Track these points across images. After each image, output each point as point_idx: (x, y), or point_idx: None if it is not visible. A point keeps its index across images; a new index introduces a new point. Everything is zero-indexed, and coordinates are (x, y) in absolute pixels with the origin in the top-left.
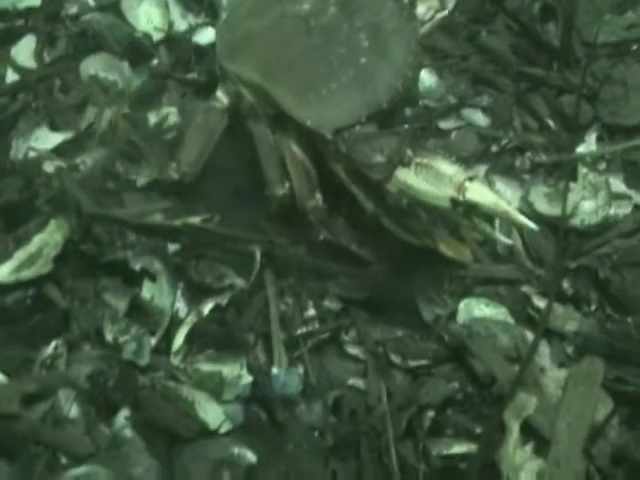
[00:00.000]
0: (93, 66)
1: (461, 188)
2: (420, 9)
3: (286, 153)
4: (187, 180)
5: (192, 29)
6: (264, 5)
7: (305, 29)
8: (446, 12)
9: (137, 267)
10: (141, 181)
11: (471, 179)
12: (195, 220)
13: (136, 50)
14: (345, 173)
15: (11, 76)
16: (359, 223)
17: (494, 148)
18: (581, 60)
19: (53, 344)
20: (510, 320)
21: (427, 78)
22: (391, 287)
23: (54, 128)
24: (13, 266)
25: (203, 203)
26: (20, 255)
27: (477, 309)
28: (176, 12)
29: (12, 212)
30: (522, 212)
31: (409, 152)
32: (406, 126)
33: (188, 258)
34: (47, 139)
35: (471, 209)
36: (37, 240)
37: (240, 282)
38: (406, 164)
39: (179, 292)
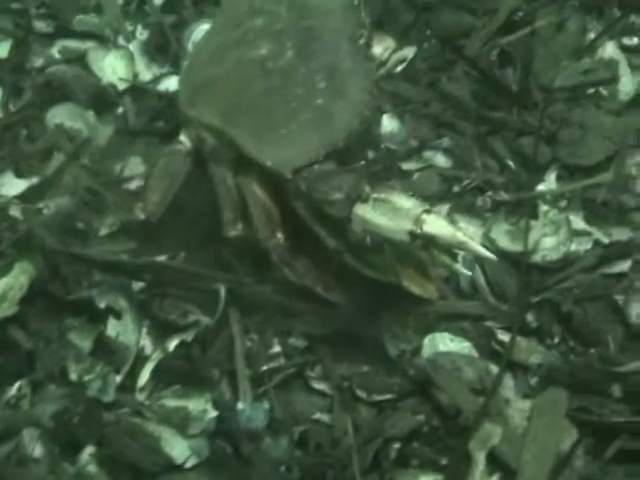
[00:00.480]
0: (59, 115)
1: (418, 221)
2: (377, 50)
3: (248, 194)
4: (153, 219)
5: (157, 79)
6: (223, 51)
7: (263, 72)
8: (404, 53)
9: (102, 305)
10: (104, 230)
11: (428, 212)
12: (160, 258)
13: (101, 99)
14: (306, 211)
15: None
16: (322, 262)
17: (456, 188)
18: (539, 103)
19: (17, 385)
20: (474, 354)
21: (389, 123)
22: (356, 324)
23: (19, 175)
24: None
25: (167, 243)
26: None
27: (442, 344)
28: (141, 64)
29: None
30: (483, 246)
31: (366, 188)
32: (362, 162)
33: (153, 296)
34: (12, 185)
35: (430, 242)
36: (2, 284)
37: (205, 319)
38: (364, 200)
39: (144, 329)
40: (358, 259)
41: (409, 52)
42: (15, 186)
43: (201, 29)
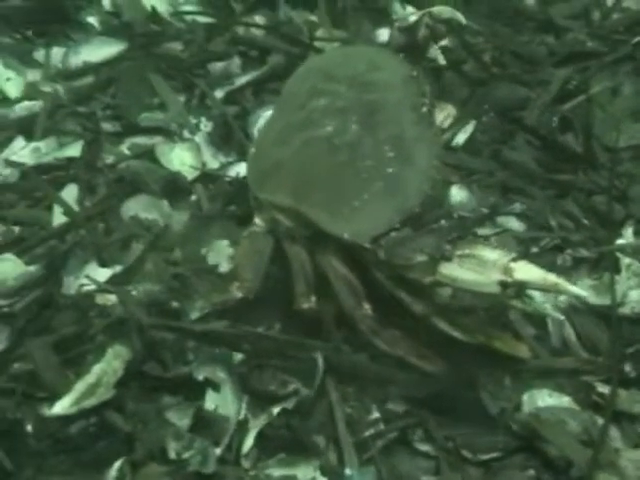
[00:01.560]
0: (133, 208)
1: (507, 270)
2: (439, 117)
3: (328, 269)
4: (250, 296)
5: (224, 166)
6: (288, 133)
7: (330, 149)
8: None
9: (200, 377)
10: (194, 315)
11: (515, 260)
12: (257, 329)
13: (174, 189)
14: (388, 280)
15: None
16: (411, 331)
17: (534, 249)
18: (606, 163)
19: (117, 465)
20: (575, 407)
21: (457, 193)
22: (453, 386)
23: (102, 264)
24: (74, 398)
25: (261, 317)
26: (80, 387)
27: (540, 400)
28: (207, 154)
29: (69, 346)
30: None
31: (448, 247)
32: (442, 222)
33: (251, 367)
34: (97, 275)
35: (521, 289)
36: (96, 370)
37: (304, 390)
38: (448, 259)
39: (244, 400)
40: (447, 322)
41: (469, 127)
42: (99, 275)
43: (264, 116)
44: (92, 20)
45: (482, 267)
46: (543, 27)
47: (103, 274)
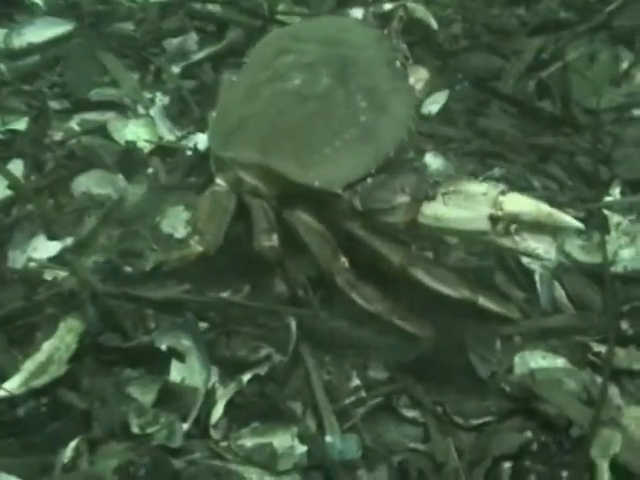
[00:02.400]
0: (85, 183)
1: (497, 202)
2: (411, 80)
3: (299, 225)
4: (211, 251)
5: (180, 139)
6: (254, 90)
7: (299, 99)
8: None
9: (163, 347)
10: (149, 265)
11: (504, 192)
12: (223, 294)
13: (129, 162)
14: (364, 230)
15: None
16: (391, 288)
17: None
18: (586, 127)
19: (72, 444)
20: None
21: (433, 161)
22: (439, 350)
23: (52, 237)
24: (23, 377)
25: (226, 279)
26: (29, 366)
27: (533, 362)
28: (163, 128)
29: (17, 322)
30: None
31: (431, 184)
32: (428, 147)
33: (218, 334)
34: (46, 248)
35: (512, 221)
36: (47, 347)
37: (277, 356)
38: (432, 197)
39: (212, 371)
40: (427, 274)
41: (442, 96)
42: (48, 249)
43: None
44: (37, 1)
45: (469, 202)
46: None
47: (52, 248)
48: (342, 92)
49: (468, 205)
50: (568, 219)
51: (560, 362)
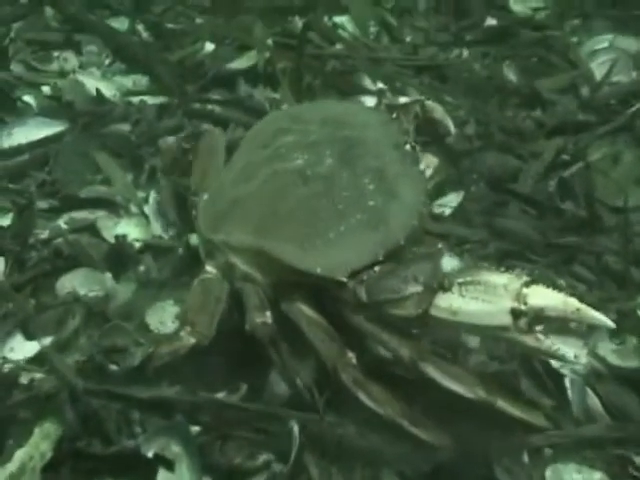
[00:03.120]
0: (70, 283)
1: (520, 295)
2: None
3: (299, 317)
4: (205, 342)
5: (175, 237)
6: (251, 170)
7: (301, 180)
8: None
9: (150, 454)
10: (136, 361)
11: (528, 283)
12: (218, 395)
13: (118, 260)
14: (370, 323)
15: None
16: (402, 390)
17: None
18: (612, 227)
19: None
20: None
21: (449, 263)
22: (459, 461)
23: (29, 337)
24: None
25: (222, 378)
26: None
27: (567, 476)
28: (157, 227)
29: None
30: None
31: (447, 274)
32: (439, 246)
33: (212, 439)
34: (23, 348)
35: (538, 317)
36: (19, 455)
37: (277, 465)
38: (447, 288)
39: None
40: (439, 370)
41: (456, 197)
42: (25, 348)
43: None
44: (29, 101)
45: (489, 294)
46: (528, 102)
47: (30, 348)
48: (348, 174)
49: (488, 297)
50: (598, 316)
51: (597, 476)
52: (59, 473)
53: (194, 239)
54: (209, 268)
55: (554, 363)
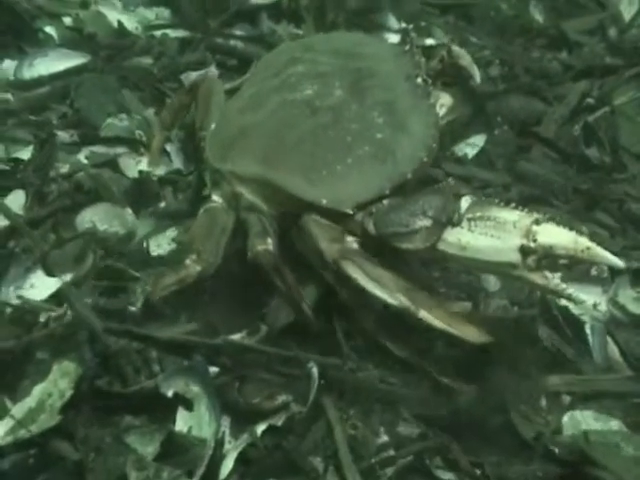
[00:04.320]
0: (90, 218)
1: (530, 232)
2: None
3: (307, 222)
4: (210, 270)
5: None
6: (259, 99)
7: (310, 111)
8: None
9: (169, 393)
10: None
11: (538, 221)
12: (237, 336)
13: (140, 195)
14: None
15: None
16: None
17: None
18: (635, 175)
19: None
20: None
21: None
22: (477, 406)
23: (49, 273)
24: (10, 426)
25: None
26: (17, 412)
27: (584, 423)
28: (178, 162)
29: (5, 364)
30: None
31: (458, 208)
32: (450, 180)
33: (230, 380)
34: (43, 284)
35: (546, 255)
36: (37, 392)
37: (295, 406)
38: (456, 222)
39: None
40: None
41: (480, 139)
42: (45, 285)
43: None
44: (51, 32)
45: (499, 230)
46: (555, 43)
47: (50, 284)
48: (357, 105)
49: (497, 233)
50: (608, 255)
51: (615, 424)
52: (79, 411)
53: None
54: (215, 197)
55: (574, 310)
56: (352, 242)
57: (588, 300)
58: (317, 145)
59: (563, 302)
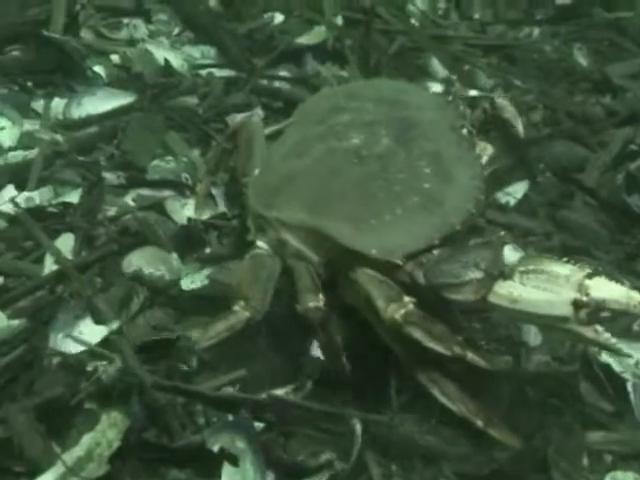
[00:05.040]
0: (136, 262)
1: (582, 287)
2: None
3: (359, 276)
4: (258, 317)
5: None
6: (305, 146)
7: (357, 159)
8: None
9: (215, 448)
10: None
11: (591, 275)
12: (281, 392)
13: (186, 240)
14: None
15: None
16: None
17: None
18: None
19: None
20: None
21: (511, 255)
22: (517, 464)
23: (98, 321)
24: (58, 473)
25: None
26: (66, 460)
27: None
28: (223, 206)
29: (55, 412)
30: None
31: (508, 261)
32: (502, 233)
33: (275, 436)
34: (90, 332)
35: (598, 309)
36: (86, 440)
37: (339, 463)
38: (508, 276)
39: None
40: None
41: (522, 187)
42: (93, 333)
43: None
44: (99, 70)
45: (551, 284)
46: (598, 88)
47: (98, 332)
48: (404, 155)
49: (550, 287)
50: None
51: None
52: (126, 463)
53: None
54: (260, 244)
55: (616, 367)
56: (410, 302)
57: (632, 356)
58: (365, 194)
59: (604, 359)
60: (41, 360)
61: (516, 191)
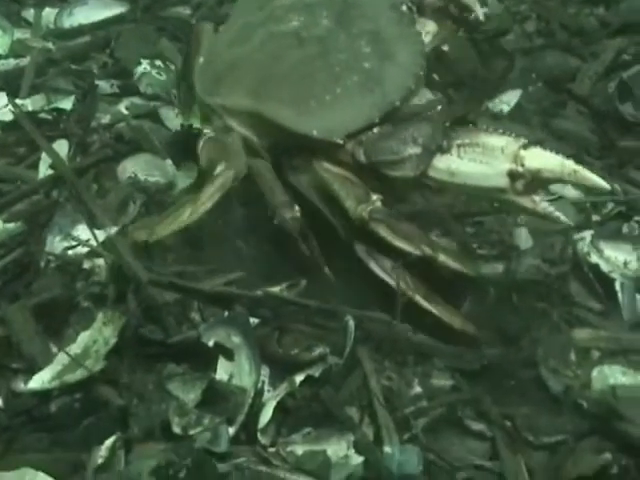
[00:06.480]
0: (131, 168)
1: (517, 157)
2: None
3: (319, 170)
4: (241, 175)
5: None
6: (247, 32)
7: (297, 42)
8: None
9: (210, 343)
10: None
11: (526, 146)
12: (276, 289)
13: (180, 147)
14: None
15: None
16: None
17: (596, 217)
18: None
19: (109, 442)
20: None
21: None
22: (508, 360)
23: (94, 226)
24: (56, 371)
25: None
26: (63, 358)
27: (612, 378)
28: None
29: (52, 311)
30: None
31: (446, 135)
32: (439, 107)
33: (270, 331)
34: (88, 236)
35: (535, 179)
36: (83, 338)
37: (332, 357)
38: (446, 149)
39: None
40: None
41: (515, 95)
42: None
43: None
44: None
45: (487, 156)
46: None
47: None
48: (344, 36)
49: (485, 159)
50: (595, 178)
51: None
52: (123, 359)
53: None
54: (207, 131)
55: (604, 267)
56: (377, 200)
57: (619, 258)
58: (306, 76)
59: (594, 260)
60: (38, 262)
61: (509, 100)
